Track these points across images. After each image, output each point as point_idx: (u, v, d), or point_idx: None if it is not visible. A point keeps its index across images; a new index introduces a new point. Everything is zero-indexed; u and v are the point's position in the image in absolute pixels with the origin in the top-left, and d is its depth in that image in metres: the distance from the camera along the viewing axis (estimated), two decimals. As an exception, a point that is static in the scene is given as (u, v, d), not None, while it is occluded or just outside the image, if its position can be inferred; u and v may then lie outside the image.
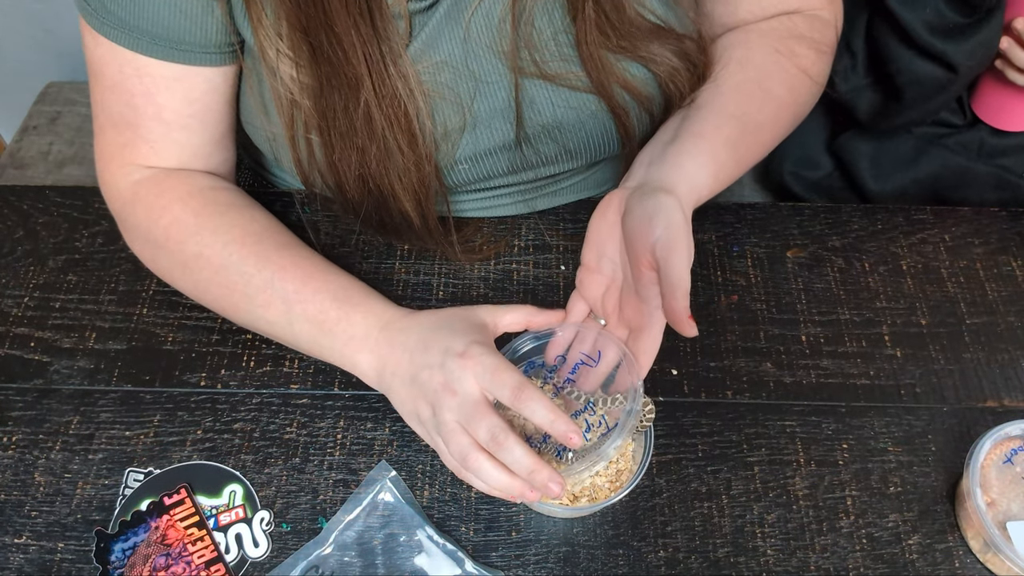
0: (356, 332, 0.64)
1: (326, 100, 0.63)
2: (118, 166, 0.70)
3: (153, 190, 0.69)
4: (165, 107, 0.67)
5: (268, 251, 0.67)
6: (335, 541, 0.63)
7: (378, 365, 0.63)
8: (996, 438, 0.63)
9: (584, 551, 0.63)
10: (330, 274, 0.67)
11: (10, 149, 1.27)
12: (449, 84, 0.66)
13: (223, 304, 0.68)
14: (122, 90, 0.66)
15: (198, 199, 0.69)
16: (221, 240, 0.67)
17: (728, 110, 0.66)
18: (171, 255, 0.68)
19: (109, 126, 0.69)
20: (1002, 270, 0.78)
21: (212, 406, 0.69)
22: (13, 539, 0.63)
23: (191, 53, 0.65)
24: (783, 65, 0.70)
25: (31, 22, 1.37)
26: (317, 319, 0.64)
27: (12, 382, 0.70)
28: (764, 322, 0.74)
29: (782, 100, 0.69)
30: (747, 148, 0.67)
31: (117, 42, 0.64)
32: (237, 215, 0.69)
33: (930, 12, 0.81)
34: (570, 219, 0.81)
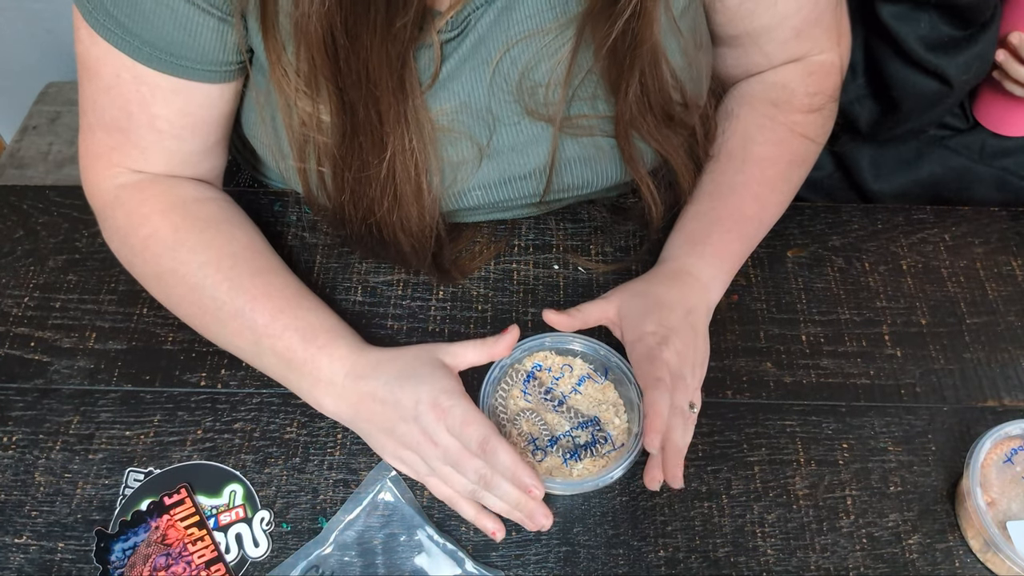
0: (321, 376, 0.63)
1: (347, 147, 0.62)
2: (104, 167, 0.69)
3: (136, 196, 0.68)
4: (160, 117, 0.66)
5: (242, 277, 0.66)
6: (335, 541, 0.63)
7: (349, 412, 0.64)
8: (996, 438, 0.63)
9: (584, 551, 0.63)
10: (300, 309, 0.66)
11: (10, 149, 1.27)
12: (467, 123, 0.66)
13: (194, 322, 0.69)
14: (117, 94, 0.65)
15: (179, 212, 0.68)
16: (197, 260, 0.66)
17: (743, 211, 0.72)
18: (146, 265, 0.68)
19: (99, 127, 0.68)
20: (1002, 270, 0.78)
21: (212, 406, 0.69)
22: (13, 539, 0.63)
23: (193, 70, 0.64)
24: (779, 137, 0.74)
25: (31, 22, 1.37)
26: (285, 356, 0.64)
27: (12, 382, 0.70)
28: (764, 322, 0.74)
29: (781, 177, 0.74)
30: (757, 236, 0.74)
31: (117, 47, 0.63)
32: (215, 234, 0.68)
33: (925, 27, 0.82)
34: (570, 219, 0.81)
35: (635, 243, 0.79)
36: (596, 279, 0.77)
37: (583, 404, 0.66)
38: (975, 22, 0.80)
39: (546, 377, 0.68)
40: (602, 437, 0.64)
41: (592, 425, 0.65)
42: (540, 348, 0.68)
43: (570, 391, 0.67)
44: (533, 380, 0.67)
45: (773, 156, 0.73)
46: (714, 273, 0.69)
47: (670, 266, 0.70)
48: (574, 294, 0.76)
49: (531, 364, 0.68)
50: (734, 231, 0.71)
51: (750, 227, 0.72)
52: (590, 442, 0.64)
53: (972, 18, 0.80)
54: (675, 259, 0.70)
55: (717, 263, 0.70)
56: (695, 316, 0.66)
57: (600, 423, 0.65)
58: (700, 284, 0.68)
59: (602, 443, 0.64)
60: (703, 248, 0.70)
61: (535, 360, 0.68)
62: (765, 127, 0.74)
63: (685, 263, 0.69)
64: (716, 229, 0.71)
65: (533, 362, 0.68)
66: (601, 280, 0.77)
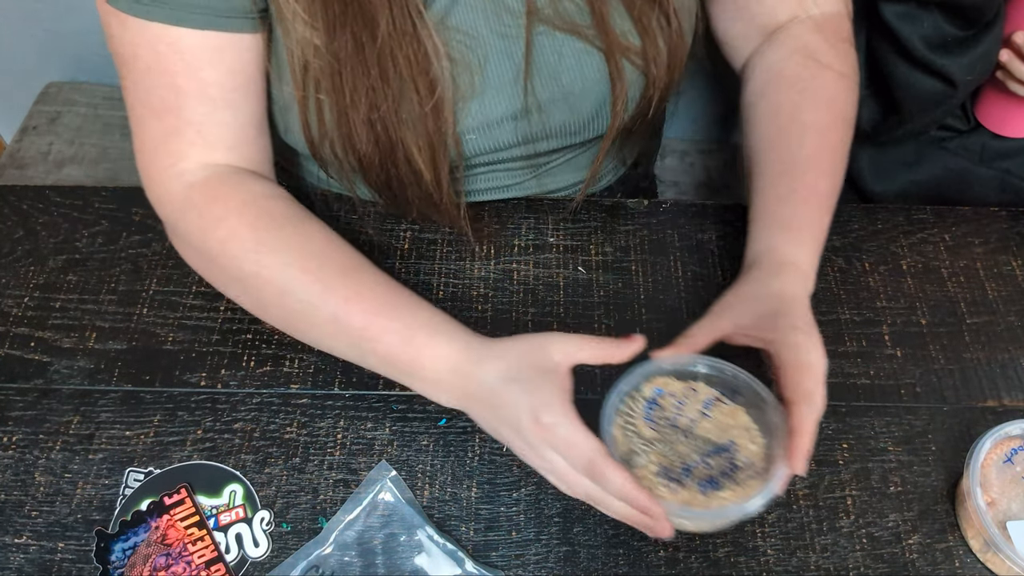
0: (427, 375, 0.61)
1: (338, 41, 0.60)
2: (165, 162, 0.66)
3: (207, 195, 0.65)
4: (209, 82, 0.63)
5: (331, 277, 0.63)
6: (335, 541, 0.63)
7: (460, 405, 0.62)
8: (996, 437, 0.63)
9: (584, 551, 0.63)
10: (396, 308, 0.62)
11: (10, 149, 1.27)
12: (460, 49, 0.65)
13: (284, 325, 0.67)
14: (160, 71, 0.62)
15: (253, 210, 0.65)
16: (281, 261, 0.63)
17: (820, 188, 0.68)
18: (225, 270, 0.66)
19: (149, 115, 0.65)
20: (1002, 270, 0.78)
21: (212, 406, 0.69)
22: (13, 539, 0.63)
23: (230, 19, 0.62)
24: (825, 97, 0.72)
25: (31, 22, 1.37)
26: (387, 359, 0.62)
27: (12, 382, 0.70)
28: (764, 322, 0.74)
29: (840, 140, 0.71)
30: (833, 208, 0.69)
31: (150, 18, 0.60)
32: (294, 232, 0.65)
33: (928, 27, 0.81)
34: (570, 219, 0.81)
35: (635, 243, 0.79)
36: (596, 279, 0.77)
37: (713, 430, 0.60)
38: (978, 22, 0.80)
39: (669, 403, 0.61)
40: (739, 463, 0.58)
41: (726, 451, 0.59)
42: (659, 373, 0.62)
43: (698, 416, 0.61)
44: (656, 407, 0.61)
45: (827, 121, 0.71)
46: (812, 258, 0.65)
47: (772, 258, 0.65)
48: (574, 294, 0.76)
49: (651, 390, 0.62)
50: (820, 208, 0.67)
51: (830, 201, 0.68)
52: (727, 469, 0.58)
53: (975, 17, 0.80)
54: (774, 249, 0.65)
55: (814, 246, 0.66)
56: (810, 309, 0.62)
57: (734, 449, 0.59)
58: (803, 272, 0.64)
59: (739, 470, 0.58)
60: (798, 234, 0.66)
61: (655, 386, 0.62)
62: (806, 91, 0.71)
63: (786, 252, 0.65)
64: (803, 210, 0.67)
65: (653, 388, 0.62)
66: (601, 280, 0.77)
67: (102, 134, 1.29)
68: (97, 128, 1.29)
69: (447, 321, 0.62)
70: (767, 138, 0.71)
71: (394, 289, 0.64)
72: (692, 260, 0.78)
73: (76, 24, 1.35)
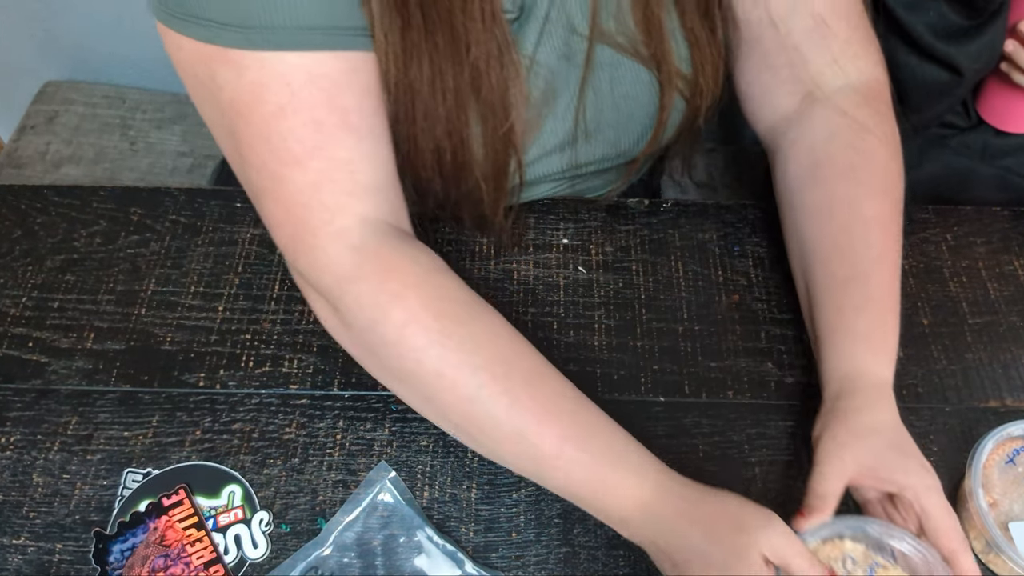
0: (611, 513, 0.57)
1: (415, 68, 0.57)
2: (319, 220, 0.56)
3: (379, 265, 0.57)
4: (350, 109, 0.56)
5: (518, 388, 0.56)
6: (334, 542, 0.62)
7: (641, 542, 0.57)
8: (998, 438, 0.63)
9: (584, 552, 0.63)
10: (586, 435, 0.57)
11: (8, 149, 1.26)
12: (537, 81, 0.64)
13: (456, 431, 0.60)
14: (296, 108, 0.54)
15: (431, 290, 0.57)
16: (469, 363, 0.56)
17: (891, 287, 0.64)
18: (402, 359, 0.57)
19: (289, 167, 0.55)
20: (1004, 269, 0.78)
21: (211, 406, 0.69)
22: (11, 540, 0.63)
23: (357, 36, 0.55)
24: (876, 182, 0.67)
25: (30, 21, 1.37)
26: (569, 489, 0.57)
27: (10, 382, 0.70)
28: (765, 322, 0.74)
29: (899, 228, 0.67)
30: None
31: (282, 48, 0.52)
32: (479, 326, 0.58)
33: (934, 15, 0.81)
34: (571, 219, 0.80)
35: (635, 243, 0.79)
36: (596, 279, 0.76)
37: None
38: (984, 11, 0.80)
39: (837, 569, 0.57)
40: None
41: None
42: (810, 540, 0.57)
43: None
44: None
45: (888, 211, 0.66)
46: (893, 371, 0.62)
47: (866, 382, 0.60)
48: (574, 294, 0.75)
49: None
50: (895, 313, 0.63)
51: (897, 299, 0.64)
52: None
53: (981, 6, 0.80)
54: (865, 371, 0.61)
55: (894, 357, 0.62)
56: None
57: None
58: (891, 390, 0.61)
59: None
60: (882, 347, 0.62)
61: None
62: (862, 181, 0.66)
63: (876, 373, 0.61)
64: (881, 320, 0.63)
65: None
66: (601, 280, 0.76)
67: (100, 134, 1.28)
68: (95, 128, 1.29)
69: (638, 452, 0.57)
70: (829, 236, 0.66)
71: (580, 403, 0.58)
72: (692, 260, 0.78)
73: (74, 23, 1.35)
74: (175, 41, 0.54)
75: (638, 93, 0.68)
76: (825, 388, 0.62)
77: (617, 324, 0.74)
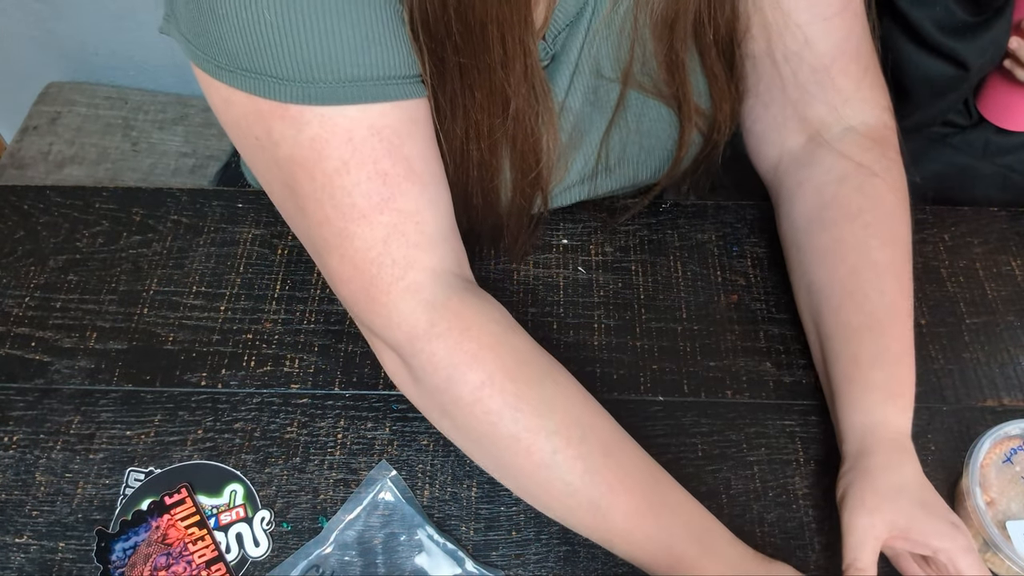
0: None
1: (453, 119, 0.57)
2: (391, 276, 0.54)
3: (456, 324, 0.55)
4: (413, 157, 0.54)
5: (594, 455, 0.55)
6: (335, 540, 0.63)
7: None
8: (996, 437, 0.63)
9: (584, 550, 0.63)
10: (663, 510, 0.55)
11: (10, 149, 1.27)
12: (566, 128, 0.67)
13: (530, 496, 0.57)
14: (360, 162, 0.52)
15: (507, 351, 0.56)
16: (545, 428, 0.54)
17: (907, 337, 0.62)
18: (476, 421, 0.55)
19: (355, 222, 0.53)
20: (1002, 270, 0.78)
21: (213, 406, 0.69)
22: (14, 538, 0.63)
23: (413, 83, 0.54)
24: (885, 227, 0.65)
25: (31, 22, 1.37)
26: (640, 560, 0.55)
27: (13, 382, 0.70)
28: (764, 322, 0.74)
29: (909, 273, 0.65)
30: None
31: (342, 102, 0.51)
32: (554, 389, 0.57)
33: (940, 10, 0.81)
34: (570, 219, 0.81)
35: (635, 243, 0.79)
36: (596, 279, 0.77)
37: None
38: (989, 6, 0.80)
39: None
40: None
41: None
42: None
43: None
44: None
45: (899, 258, 0.64)
46: (910, 419, 0.61)
47: (887, 436, 0.59)
48: (574, 294, 0.76)
49: None
50: (911, 362, 0.62)
51: (912, 348, 0.63)
52: None
53: (986, 2, 0.80)
54: (884, 425, 0.60)
55: (911, 406, 0.61)
56: None
57: None
58: (910, 442, 0.60)
59: None
60: (900, 400, 0.61)
61: None
62: (871, 225, 0.65)
63: (897, 426, 0.60)
64: (898, 371, 0.61)
65: None
66: (601, 280, 0.77)
67: (102, 134, 1.29)
68: (97, 128, 1.29)
69: (714, 529, 0.56)
70: (839, 281, 0.64)
71: (655, 474, 0.57)
72: (691, 260, 0.78)
73: (76, 24, 1.35)
74: (223, 94, 0.52)
75: (659, 130, 0.70)
76: (844, 443, 0.61)
77: (616, 324, 0.74)
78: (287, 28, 0.49)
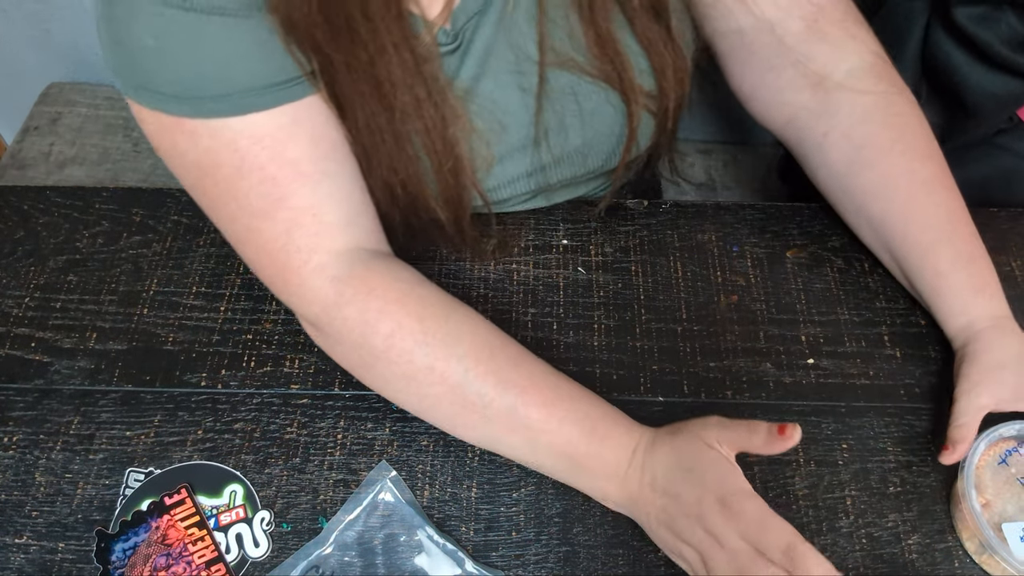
0: (607, 469, 0.60)
1: (352, 115, 0.60)
2: (298, 261, 0.61)
3: (361, 289, 0.61)
4: (300, 159, 0.59)
5: (505, 369, 0.61)
6: (335, 541, 0.63)
7: (627, 501, 0.61)
8: (990, 439, 0.63)
9: (584, 551, 0.63)
10: (570, 399, 0.61)
11: (11, 150, 1.27)
12: (485, 115, 0.65)
13: (454, 421, 0.63)
14: (250, 168, 0.58)
15: (413, 300, 0.62)
16: (454, 353, 0.60)
17: (974, 235, 0.69)
18: (393, 365, 0.61)
19: (258, 219, 0.59)
20: (1001, 270, 0.78)
21: (213, 406, 0.69)
22: (14, 539, 0.63)
23: (291, 87, 0.58)
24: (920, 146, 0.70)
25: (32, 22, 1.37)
26: (565, 452, 0.60)
27: (13, 382, 0.70)
28: (764, 322, 0.74)
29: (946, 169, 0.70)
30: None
31: (223, 115, 0.56)
32: (459, 321, 0.62)
33: (1005, 28, 0.81)
34: (570, 219, 0.81)
35: (635, 243, 0.79)
36: (596, 279, 0.77)
37: None
38: None
39: None
40: None
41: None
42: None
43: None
44: None
45: (938, 169, 0.69)
46: (1002, 300, 0.68)
47: (986, 324, 0.66)
48: (574, 294, 0.76)
49: None
50: (983, 253, 0.69)
51: (979, 241, 0.69)
52: None
53: None
54: (980, 316, 0.67)
55: (998, 290, 0.68)
56: None
57: None
58: (1009, 320, 0.67)
59: None
60: (986, 289, 0.67)
61: None
62: (907, 150, 0.69)
63: (994, 312, 0.67)
64: (976, 267, 0.68)
65: None
66: (601, 280, 0.77)
67: (103, 135, 1.29)
68: (98, 129, 1.29)
69: (616, 410, 0.63)
70: (898, 210, 0.69)
71: (561, 378, 0.63)
72: (692, 260, 0.78)
73: (77, 24, 1.35)
74: (135, 111, 0.58)
75: (603, 113, 0.68)
76: (953, 341, 0.69)
77: (616, 324, 0.74)
78: (164, 51, 0.54)
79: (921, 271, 0.69)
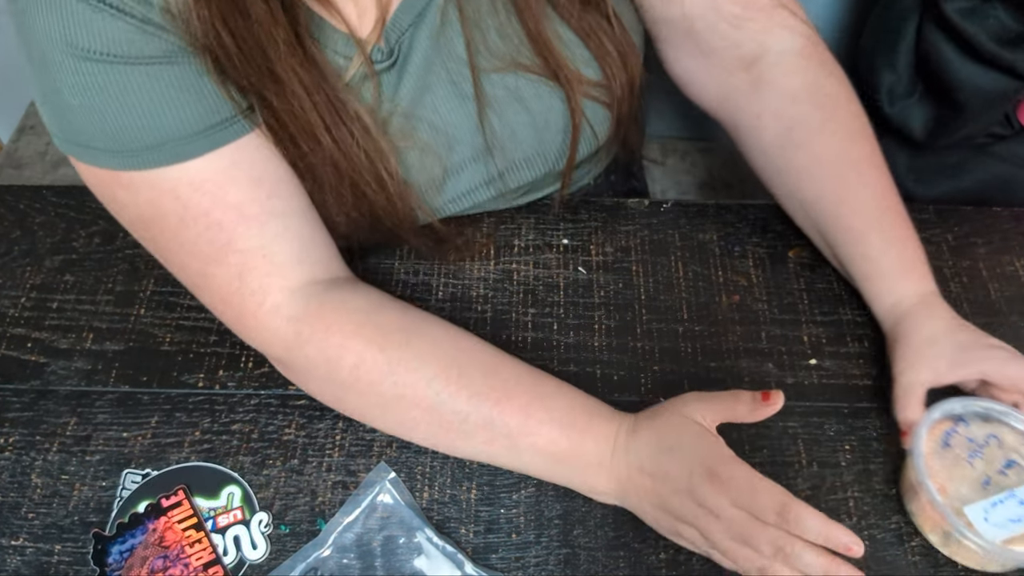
0: (591, 460, 0.60)
1: (291, 154, 0.60)
2: (253, 304, 0.61)
3: (317, 326, 0.61)
4: (242, 202, 0.58)
5: (476, 382, 0.61)
6: (334, 543, 0.62)
7: (618, 489, 0.61)
8: (928, 425, 0.62)
9: (584, 553, 0.62)
10: (546, 398, 0.61)
11: (7, 149, 1.27)
12: (429, 135, 0.66)
13: (436, 441, 0.64)
14: (194, 216, 0.57)
15: (371, 329, 0.62)
16: (423, 377, 0.60)
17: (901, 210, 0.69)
18: (363, 396, 0.62)
19: (209, 265, 0.59)
20: (1005, 270, 0.78)
21: (210, 407, 0.69)
22: (10, 541, 0.62)
23: (226, 129, 0.57)
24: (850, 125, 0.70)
25: (29, 21, 1.36)
26: (547, 451, 0.61)
27: (9, 383, 0.70)
28: (766, 322, 0.74)
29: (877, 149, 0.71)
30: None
31: (159, 164, 0.56)
32: (421, 342, 0.62)
33: (993, 22, 0.81)
34: (570, 219, 0.80)
35: (635, 243, 0.79)
36: (596, 279, 0.76)
37: None
38: None
39: None
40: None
41: None
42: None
43: None
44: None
45: (869, 150, 0.70)
46: (928, 279, 0.68)
47: (912, 302, 0.67)
48: (574, 294, 0.75)
49: None
50: (911, 237, 0.69)
51: (908, 221, 0.69)
52: None
53: None
54: (909, 295, 0.67)
55: (926, 270, 0.68)
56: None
57: None
58: (939, 295, 0.68)
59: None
60: (915, 269, 0.68)
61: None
62: (838, 130, 0.70)
63: (921, 290, 0.67)
64: (904, 249, 0.68)
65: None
66: (601, 280, 0.76)
67: (100, 134, 1.28)
68: (95, 128, 1.29)
69: (593, 400, 0.63)
70: (830, 191, 0.70)
71: (536, 377, 0.63)
72: (692, 260, 0.78)
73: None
74: (76, 164, 0.58)
75: (555, 111, 0.68)
76: (883, 324, 0.70)
77: (617, 325, 0.74)
78: (90, 108, 0.54)
79: (852, 256, 0.70)
